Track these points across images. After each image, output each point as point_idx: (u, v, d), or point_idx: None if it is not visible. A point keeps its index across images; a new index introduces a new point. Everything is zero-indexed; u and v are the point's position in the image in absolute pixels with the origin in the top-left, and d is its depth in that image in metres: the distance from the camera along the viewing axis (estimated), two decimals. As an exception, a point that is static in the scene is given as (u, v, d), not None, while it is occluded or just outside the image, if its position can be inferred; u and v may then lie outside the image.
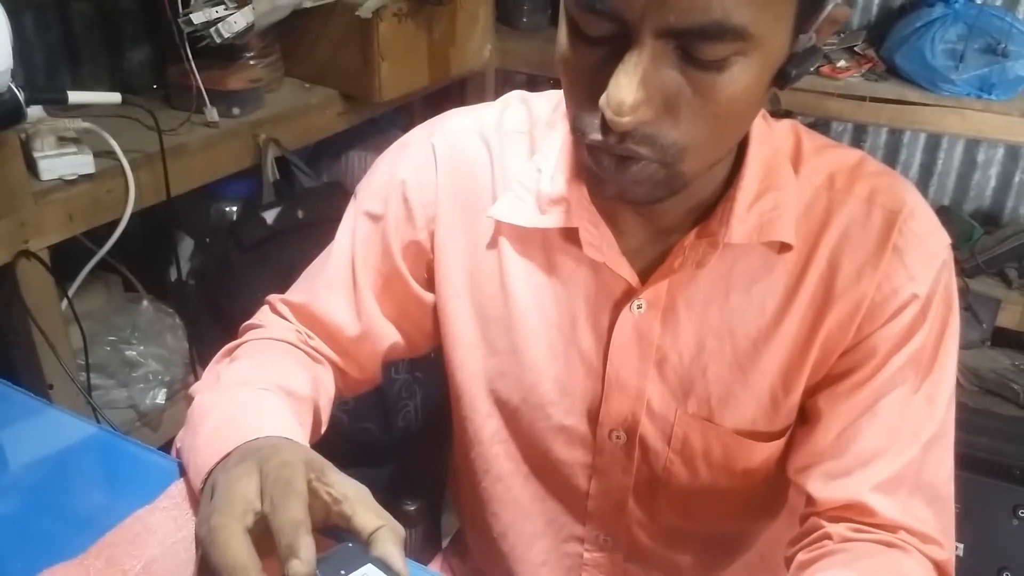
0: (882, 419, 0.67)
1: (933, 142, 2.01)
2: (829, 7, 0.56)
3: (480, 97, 2.01)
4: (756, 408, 0.72)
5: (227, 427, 0.61)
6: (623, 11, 0.51)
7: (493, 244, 0.75)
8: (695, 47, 0.52)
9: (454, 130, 0.77)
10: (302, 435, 0.63)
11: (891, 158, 2.03)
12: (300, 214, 1.50)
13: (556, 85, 0.64)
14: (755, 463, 0.75)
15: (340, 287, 0.79)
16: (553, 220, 0.70)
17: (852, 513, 0.67)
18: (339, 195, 1.70)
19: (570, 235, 0.70)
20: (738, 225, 0.66)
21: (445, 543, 1.06)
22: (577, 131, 0.58)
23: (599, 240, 0.69)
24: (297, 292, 0.83)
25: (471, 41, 1.84)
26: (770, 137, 0.68)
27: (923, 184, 2.03)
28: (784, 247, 0.67)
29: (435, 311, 0.80)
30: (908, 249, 0.67)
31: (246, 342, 0.78)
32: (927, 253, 0.67)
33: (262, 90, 1.52)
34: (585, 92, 0.56)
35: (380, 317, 0.79)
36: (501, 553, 0.85)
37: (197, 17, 1.29)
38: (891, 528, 0.66)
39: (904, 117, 1.69)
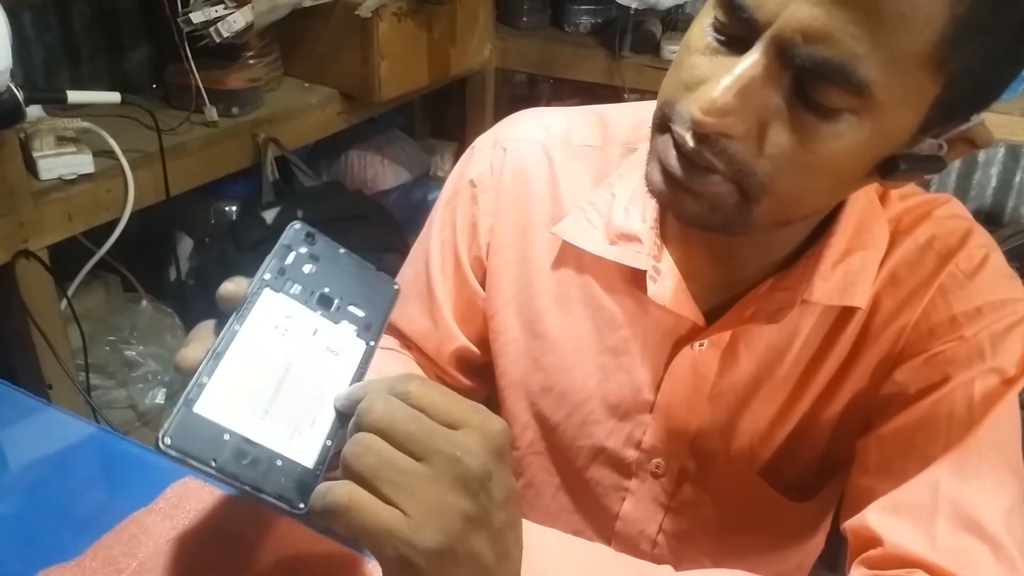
0: (918, 457, 0.61)
1: (933, 141, 2.01)
2: (971, 122, 0.53)
3: (480, 97, 2.00)
4: (792, 455, 0.70)
5: None
6: (756, 16, 0.47)
7: (551, 261, 0.73)
8: (811, 83, 0.48)
9: (518, 139, 0.75)
10: None
11: (891, 157, 2.03)
12: (300, 214, 1.50)
13: (556, 84, 0.63)
14: (784, 522, 0.74)
15: (416, 296, 0.80)
16: (621, 255, 0.67)
17: (865, 545, 0.61)
18: (339, 194, 1.70)
19: (636, 271, 0.67)
20: (821, 283, 0.62)
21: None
22: (663, 116, 0.54)
23: (663, 284, 0.65)
24: None
25: (471, 40, 1.84)
26: (867, 190, 0.63)
27: (924, 184, 2.02)
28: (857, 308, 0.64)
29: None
30: (954, 288, 0.62)
31: None
32: (979, 297, 0.61)
33: (261, 89, 1.52)
34: (686, 80, 0.52)
35: (452, 322, 0.78)
36: None
37: (196, 16, 1.29)
38: (902, 562, 0.58)
39: (904, 116, 1.69)
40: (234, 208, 1.58)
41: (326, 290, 0.49)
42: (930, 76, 0.47)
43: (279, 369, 0.46)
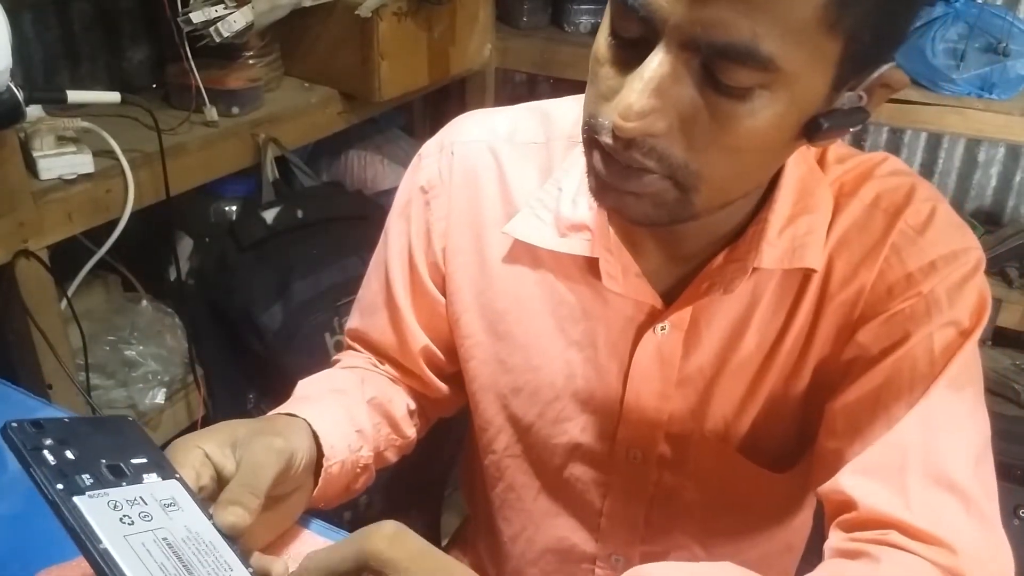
0: (885, 416, 0.62)
1: (934, 141, 2.01)
2: (882, 68, 0.53)
3: (480, 96, 2.00)
4: (767, 428, 0.70)
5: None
6: (653, 13, 0.49)
7: (508, 260, 0.73)
8: (718, 68, 0.49)
9: (463, 141, 0.75)
10: (331, 415, 0.68)
11: (891, 157, 2.03)
12: (299, 214, 1.50)
13: (556, 84, 0.64)
14: (768, 495, 0.75)
15: (381, 306, 0.80)
16: (573, 246, 0.68)
17: (840, 509, 0.62)
18: (338, 195, 1.70)
19: (590, 261, 0.68)
20: (769, 249, 0.63)
21: (445, 543, 1.06)
22: (590, 130, 0.56)
23: (618, 270, 0.66)
24: (352, 317, 0.84)
25: (471, 40, 1.84)
26: (806, 156, 0.65)
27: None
28: (810, 270, 0.65)
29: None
30: (906, 245, 0.63)
31: None
32: (931, 251, 0.63)
33: (261, 89, 1.52)
34: (604, 92, 0.54)
35: (417, 330, 0.79)
36: (511, 555, 0.85)
37: (196, 16, 1.29)
38: (877, 523, 0.60)
39: (905, 116, 1.69)
40: (234, 208, 1.58)
41: (103, 462, 0.48)
42: (828, 36, 0.49)
43: (166, 550, 0.45)
